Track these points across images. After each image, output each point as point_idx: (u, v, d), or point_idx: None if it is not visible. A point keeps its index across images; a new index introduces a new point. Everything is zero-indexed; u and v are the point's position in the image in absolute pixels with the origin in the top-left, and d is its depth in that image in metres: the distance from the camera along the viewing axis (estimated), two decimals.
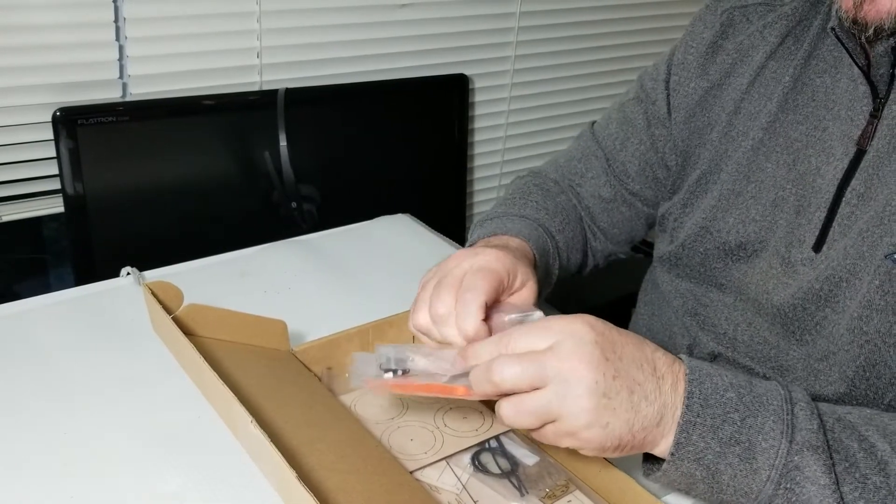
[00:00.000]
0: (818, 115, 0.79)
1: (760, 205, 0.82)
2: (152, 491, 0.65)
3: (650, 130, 0.93)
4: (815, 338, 0.78)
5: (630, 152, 0.94)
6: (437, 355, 0.64)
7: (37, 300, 0.93)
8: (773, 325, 0.81)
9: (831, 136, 0.77)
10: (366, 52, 1.65)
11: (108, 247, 1.38)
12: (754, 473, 0.58)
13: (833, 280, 0.75)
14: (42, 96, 1.32)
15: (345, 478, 0.60)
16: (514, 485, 0.68)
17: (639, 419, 0.57)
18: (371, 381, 0.63)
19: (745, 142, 0.83)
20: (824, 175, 0.77)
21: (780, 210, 0.80)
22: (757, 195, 0.82)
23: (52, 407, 0.75)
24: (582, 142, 1.00)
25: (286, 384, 0.73)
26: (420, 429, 0.74)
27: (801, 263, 0.78)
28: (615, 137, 0.96)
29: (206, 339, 0.75)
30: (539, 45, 1.92)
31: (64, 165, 1.31)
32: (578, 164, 0.98)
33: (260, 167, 1.51)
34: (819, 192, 0.77)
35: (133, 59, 1.39)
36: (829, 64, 0.79)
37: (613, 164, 0.96)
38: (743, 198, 0.83)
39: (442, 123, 1.77)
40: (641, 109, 0.94)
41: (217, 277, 1.01)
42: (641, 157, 0.94)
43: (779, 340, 0.81)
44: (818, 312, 0.77)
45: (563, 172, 0.99)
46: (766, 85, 0.83)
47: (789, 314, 0.79)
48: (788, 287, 0.79)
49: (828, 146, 0.77)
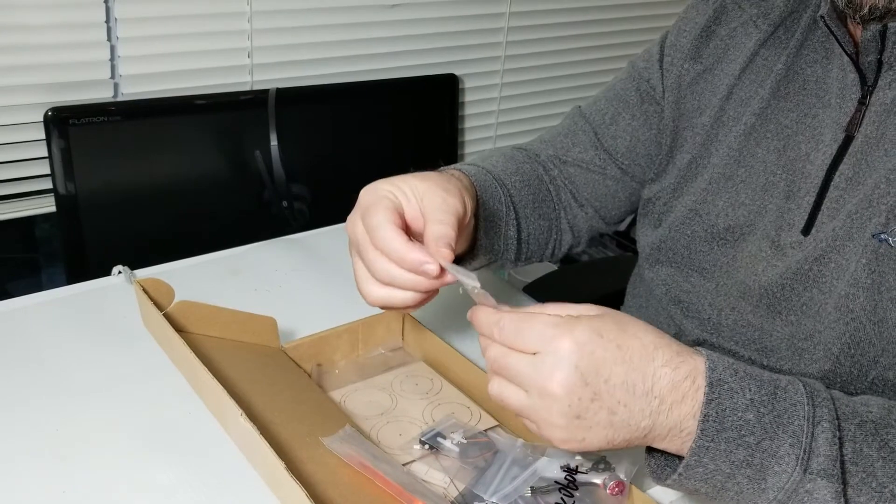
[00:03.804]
0: (808, 103, 0.80)
1: (751, 189, 0.83)
2: (143, 486, 0.66)
3: (643, 107, 0.94)
4: (801, 317, 0.79)
5: (621, 127, 0.95)
6: (467, 450, 0.67)
7: (28, 298, 0.93)
8: (758, 308, 0.82)
9: (821, 123, 0.79)
10: (356, 52, 1.66)
11: (100, 246, 1.39)
12: (762, 492, 0.58)
13: (821, 260, 0.76)
14: (34, 96, 1.33)
15: (334, 470, 0.61)
16: None
17: (620, 434, 0.57)
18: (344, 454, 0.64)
19: (736, 127, 0.85)
20: (813, 161, 0.78)
21: (770, 195, 0.82)
22: (747, 179, 0.83)
23: (43, 403, 0.75)
24: (568, 119, 1.00)
25: (276, 380, 0.74)
26: (408, 424, 0.75)
27: (790, 246, 0.79)
28: (605, 112, 0.96)
29: (197, 336, 0.76)
30: (529, 45, 1.93)
31: (55, 165, 1.32)
32: (565, 138, 0.98)
33: (251, 167, 1.52)
34: (808, 178, 0.79)
35: (124, 59, 1.39)
36: (819, 54, 0.81)
37: (603, 139, 0.96)
38: (733, 182, 0.84)
39: (432, 123, 1.78)
40: (634, 86, 0.95)
41: (208, 275, 1.02)
42: (633, 133, 0.95)
43: (762, 322, 0.82)
44: (805, 292, 0.78)
45: (546, 145, 0.99)
46: (758, 72, 0.84)
47: (777, 294, 0.80)
48: (776, 268, 0.80)
49: (817, 133, 0.79)
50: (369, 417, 0.76)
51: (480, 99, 1.91)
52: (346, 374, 0.82)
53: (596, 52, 2.07)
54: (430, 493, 0.63)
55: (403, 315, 0.87)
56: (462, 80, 1.84)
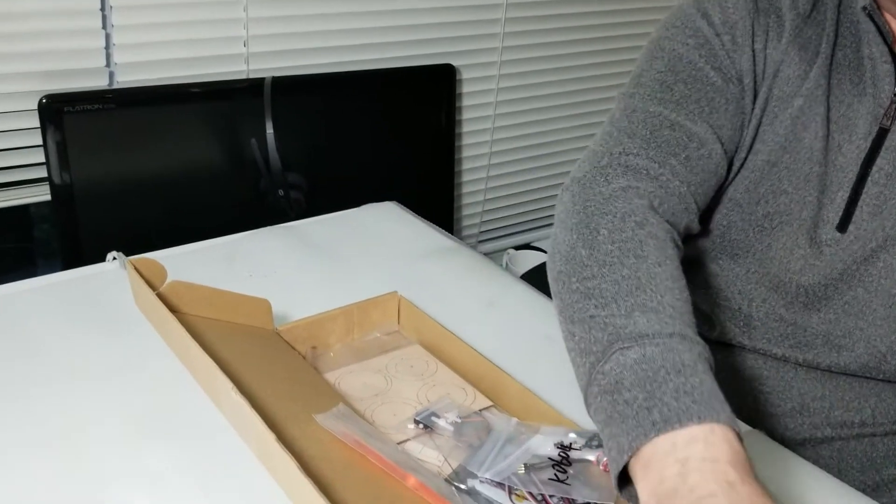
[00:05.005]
0: (845, 90, 0.78)
1: (794, 177, 0.79)
2: (138, 470, 0.66)
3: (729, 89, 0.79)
4: (840, 315, 0.77)
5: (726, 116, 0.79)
6: (461, 428, 0.66)
7: (22, 284, 0.92)
8: (793, 304, 0.80)
9: (856, 113, 0.77)
10: (352, 41, 1.65)
11: (96, 235, 1.38)
12: None
13: (870, 260, 0.75)
14: (28, 84, 1.32)
15: (327, 447, 0.60)
16: None
17: None
18: (338, 431, 0.63)
19: (785, 110, 0.78)
20: (846, 153, 0.77)
21: (811, 185, 0.78)
22: (791, 167, 0.79)
23: (35, 387, 0.75)
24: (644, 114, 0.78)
25: (270, 360, 0.73)
26: (403, 405, 0.75)
27: (827, 244, 0.78)
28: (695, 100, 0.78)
29: (190, 317, 0.75)
30: (526, 36, 1.92)
31: (50, 153, 1.32)
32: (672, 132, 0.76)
33: (247, 156, 1.51)
34: (841, 171, 0.77)
35: (120, 47, 1.39)
36: (849, 40, 0.78)
37: (716, 131, 0.78)
38: (777, 168, 0.79)
39: (429, 113, 1.78)
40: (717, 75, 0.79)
41: (203, 262, 1.01)
42: (731, 119, 0.79)
43: (796, 317, 0.80)
44: (849, 291, 0.77)
45: (656, 152, 0.75)
46: (806, 49, 0.78)
47: (818, 293, 0.78)
48: (815, 268, 0.78)
49: (852, 123, 0.77)
50: (364, 398, 0.75)
51: (478, 90, 1.90)
52: (341, 357, 0.82)
53: (594, 43, 2.06)
54: (424, 470, 0.62)
55: (399, 298, 0.87)
56: (459, 71, 1.83)
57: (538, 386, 0.75)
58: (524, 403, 0.73)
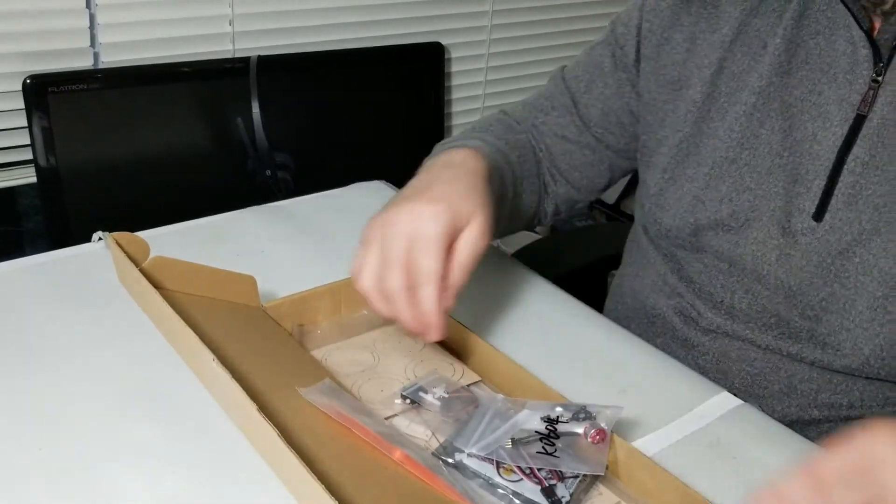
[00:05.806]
0: (813, 79, 0.76)
1: (756, 173, 0.79)
2: (124, 444, 0.65)
3: (616, 74, 0.92)
4: (821, 313, 0.77)
5: (594, 95, 0.93)
6: (449, 403, 0.67)
7: (7, 264, 0.92)
8: (775, 295, 0.80)
9: (827, 100, 0.75)
10: (339, 19, 1.64)
11: (83, 216, 1.38)
12: None
13: (845, 255, 0.74)
14: (12, 65, 1.31)
15: (312, 419, 0.60)
16: None
17: None
18: (322, 404, 0.63)
19: (735, 107, 0.80)
20: (821, 141, 0.75)
21: (776, 178, 0.78)
22: (752, 163, 0.79)
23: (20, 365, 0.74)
24: (550, 84, 0.98)
25: (256, 337, 0.73)
26: (390, 380, 0.74)
27: (802, 233, 0.77)
28: (581, 79, 0.94)
29: (174, 293, 0.75)
30: (516, 14, 1.91)
31: (35, 134, 1.30)
32: (545, 101, 0.96)
33: (234, 135, 1.50)
34: (816, 159, 0.76)
35: (104, 26, 1.38)
36: (822, 24, 0.77)
37: (579, 106, 0.94)
38: (737, 165, 0.80)
39: (417, 91, 1.77)
40: (609, 52, 0.92)
41: (190, 241, 1.00)
42: (605, 102, 0.93)
43: (780, 310, 0.80)
44: (825, 287, 0.76)
45: (528, 111, 0.97)
46: (751, 44, 0.80)
47: (794, 287, 0.78)
48: (792, 258, 0.78)
49: (824, 111, 0.75)
50: (351, 374, 0.75)
51: (468, 69, 1.89)
52: (328, 335, 0.82)
53: (583, 21, 2.05)
54: (411, 444, 0.62)
55: None
56: (448, 50, 1.82)
57: (525, 360, 0.75)
58: (512, 378, 0.72)
